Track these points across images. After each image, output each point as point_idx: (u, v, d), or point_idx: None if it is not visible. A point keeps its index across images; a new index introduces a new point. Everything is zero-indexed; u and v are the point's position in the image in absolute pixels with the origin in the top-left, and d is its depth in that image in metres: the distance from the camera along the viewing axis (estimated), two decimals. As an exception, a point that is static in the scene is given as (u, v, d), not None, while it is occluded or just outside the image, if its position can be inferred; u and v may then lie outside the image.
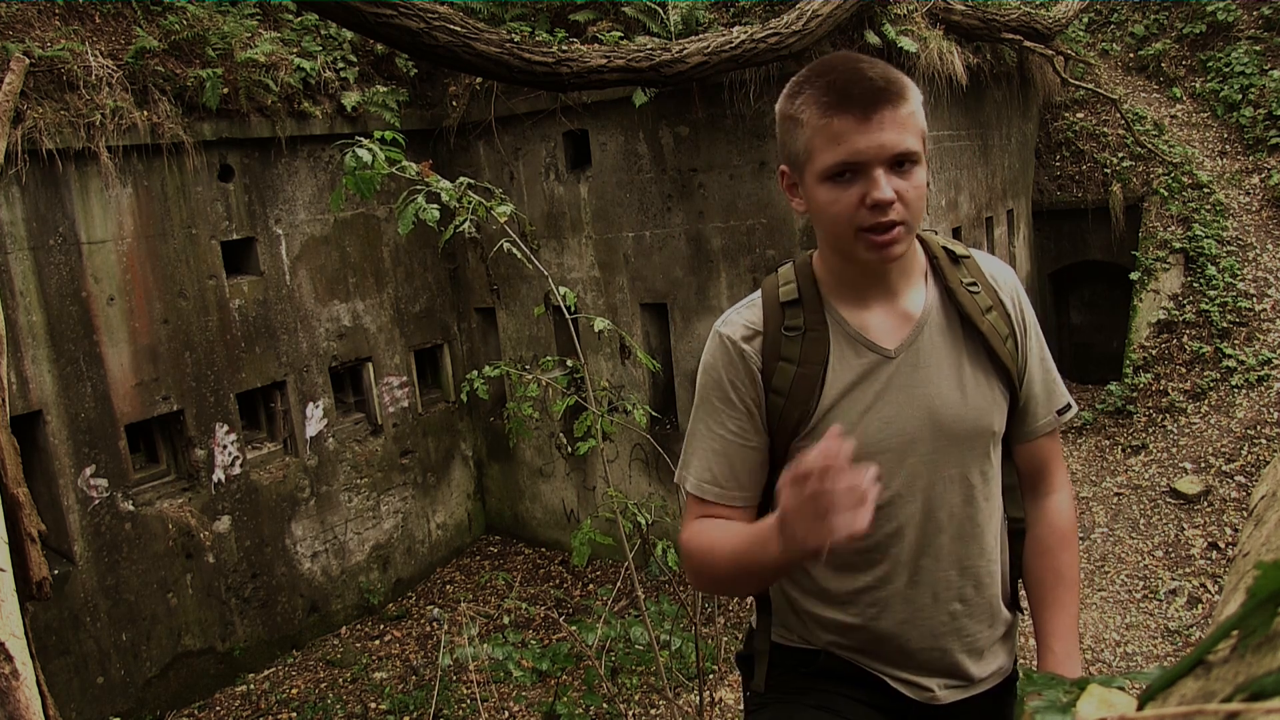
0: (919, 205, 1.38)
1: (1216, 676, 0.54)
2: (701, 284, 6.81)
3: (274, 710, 6.10)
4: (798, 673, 1.63)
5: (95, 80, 5.55)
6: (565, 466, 7.85)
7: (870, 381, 1.49)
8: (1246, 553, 0.88)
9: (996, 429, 1.52)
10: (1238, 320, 7.89)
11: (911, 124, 1.35)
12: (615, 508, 3.21)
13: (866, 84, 1.34)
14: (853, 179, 1.36)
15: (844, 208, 1.36)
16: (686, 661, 4.69)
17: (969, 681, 1.56)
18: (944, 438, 1.48)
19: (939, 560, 1.51)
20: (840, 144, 1.34)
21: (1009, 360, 1.52)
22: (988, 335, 1.50)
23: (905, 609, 1.51)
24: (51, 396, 5.51)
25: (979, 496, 1.52)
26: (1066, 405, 1.61)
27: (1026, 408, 1.58)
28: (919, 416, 1.48)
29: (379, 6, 4.41)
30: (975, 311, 1.51)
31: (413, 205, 2.75)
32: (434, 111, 7.62)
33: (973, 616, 1.54)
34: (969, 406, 1.49)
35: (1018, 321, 1.56)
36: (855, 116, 1.33)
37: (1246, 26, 9.69)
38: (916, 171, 1.37)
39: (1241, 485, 6.74)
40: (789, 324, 1.51)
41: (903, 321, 1.50)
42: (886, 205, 1.34)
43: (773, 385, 1.50)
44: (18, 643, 2.00)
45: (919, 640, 1.52)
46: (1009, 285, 1.58)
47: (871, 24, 6.16)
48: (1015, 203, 9.03)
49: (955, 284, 1.52)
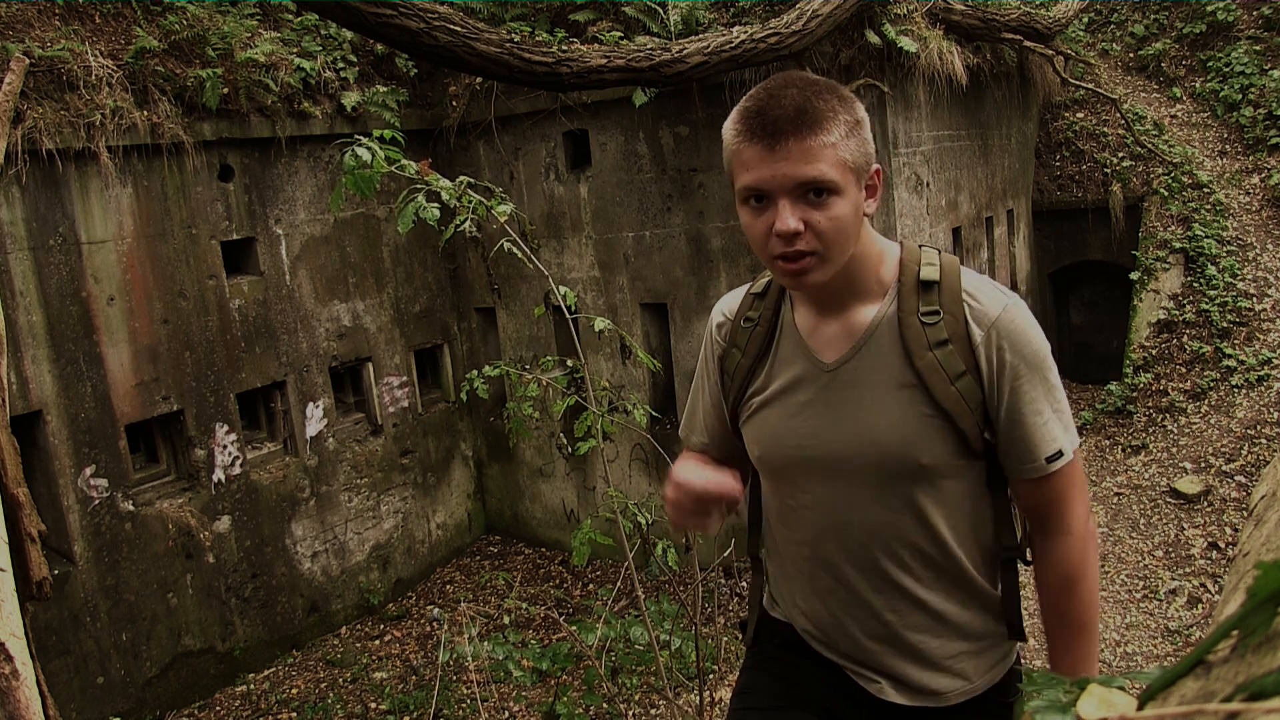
0: (834, 235, 1.37)
1: (1216, 676, 0.54)
2: (701, 284, 6.81)
3: (274, 710, 6.10)
4: (772, 643, 1.74)
5: (95, 80, 5.55)
6: (565, 466, 7.84)
7: (803, 389, 1.54)
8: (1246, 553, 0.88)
9: (925, 462, 1.46)
10: (1238, 320, 7.89)
11: (826, 154, 1.33)
12: (615, 508, 3.21)
13: (778, 112, 1.34)
14: (765, 205, 1.38)
15: (757, 233, 1.40)
16: (686, 661, 4.69)
17: (920, 690, 1.57)
18: (866, 460, 1.48)
19: (863, 572, 1.54)
20: (749, 170, 1.37)
21: (953, 401, 1.44)
22: (924, 371, 1.45)
23: (839, 606, 1.58)
24: (51, 396, 5.51)
25: (905, 523, 1.49)
26: (1057, 453, 1.47)
27: (1007, 449, 1.49)
28: (842, 434, 1.50)
29: (379, 6, 4.41)
30: (918, 344, 1.45)
31: (412, 204, 2.75)
32: (434, 111, 7.62)
33: (913, 629, 1.54)
34: (894, 435, 1.46)
35: (987, 359, 1.44)
36: (761, 145, 1.35)
37: (1246, 26, 9.69)
38: (833, 202, 1.35)
39: (1241, 485, 6.74)
40: (749, 315, 1.64)
41: (847, 337, 1.51)
42: (788, 235, 1.35)
43: (725, 368, 1.67)
44: (18, 643, 1.99)
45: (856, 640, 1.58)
46: (989, 321, 1.45)
47: (871, 24, 6.16)
48: (1015, 203, 9.03)
49: (908, 311, 1.48)
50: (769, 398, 1.57)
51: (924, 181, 6.95)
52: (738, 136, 1.39)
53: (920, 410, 1.46)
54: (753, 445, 1.62)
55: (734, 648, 5.73)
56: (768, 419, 1.57)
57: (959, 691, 1.57)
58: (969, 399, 1.45)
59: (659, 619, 4.47)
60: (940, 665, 1.56)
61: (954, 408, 1.44)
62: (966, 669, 1.58)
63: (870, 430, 1.48)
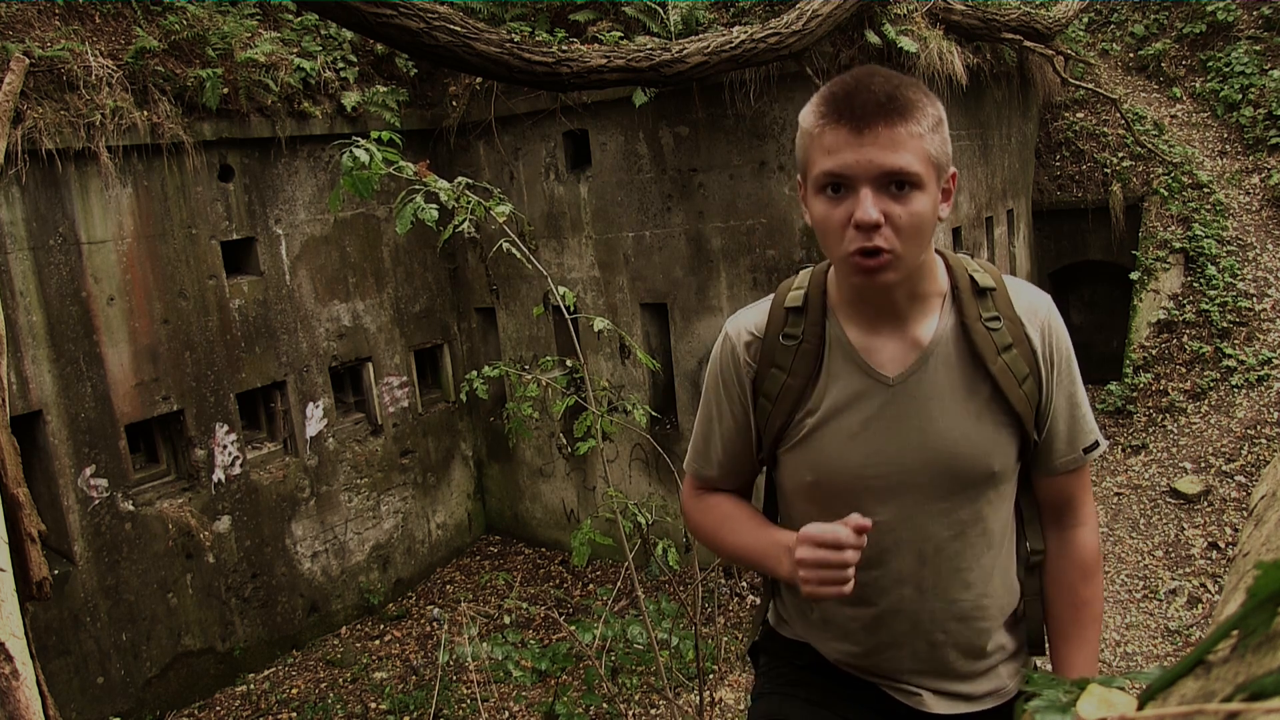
0: (913, 234, 1.30)
1: (1216, 676, 0.54)
2: (701, 284, 6.81)
3: (274, 710, 6.10)
4: (792, 664, 1.65)
5: (95, 80, 5.55)
6: (565, 466, 7.84)
7: (862, 406, 1.46)
8: (1246, 553, 0.88)
9: (997, 469, 1.46)
10: (1238, 320, 7.89)
11: (913, 144, 1.28)
12: (615, 508, 3.21)
13: (867, 96, 1.28)
14: (843, 195, 1.31)
15: (833, 225, 1.32)
16: (686, 661, 4.69)
17: (960, 697, 1.56)
18: (937, 474, 1.44)
19: (922, 591, 1.49)
20: (831, 155, 1.30)
21: (1022, 403, 1.45)
22: (998, 377, 1.43)
23: (886, 633, 1.52)
24: (51, 396, 5.51)
25: (971, 533, 1.48)
26: (1094, 444, 1.52)
27: (1049, 445, 1.51)
28: (912, 450, 1.44)
29: (379, 6, 4.41)
30: (989, 350, 1.43)
31: (411, 205, 2.75)
32: (434, 111, 7.62)
33: (956, 647, 1.52)
34: (969, 446, 1.44)
35: (1045, 359, 1.47)
36: (848, 129, 1.28)
37: (1246, 26, 9.69)
38: (915, 197, 1.29)
39: (1241, 485, 6.74)
40: (788, 331, 1.51)
41: (910, 349, 1.45)
42: (869, 227, 1.28)
43: (763, 390, 1.53)
44: (18, 643, 2.00)
45: (900, 662, 1.54)
46: (1040, 319, 1.48)
47: (871, 24, 6.16)
48: (1015, 202, 9.03)
49: (972, 318, 1.44)
50: (822, 418, 1.47)
51: (924, 181, 6.94)
52: (822, 119, 1.31)
53: (995, 418, 1.45)
54: (804, 471, 1.51)
55: (734, 648, 5.73)
56: (823, 441, 1.47)
57: (998, 694, 1.58)
58: (1032, 400, 1.47)
59: (659, 619, 4.46)
60: (982, 673, 1.56)
61: (1023, 411, 1.45)
62: (1002, 673, 1.58)
63: (943, 442, 1.43)
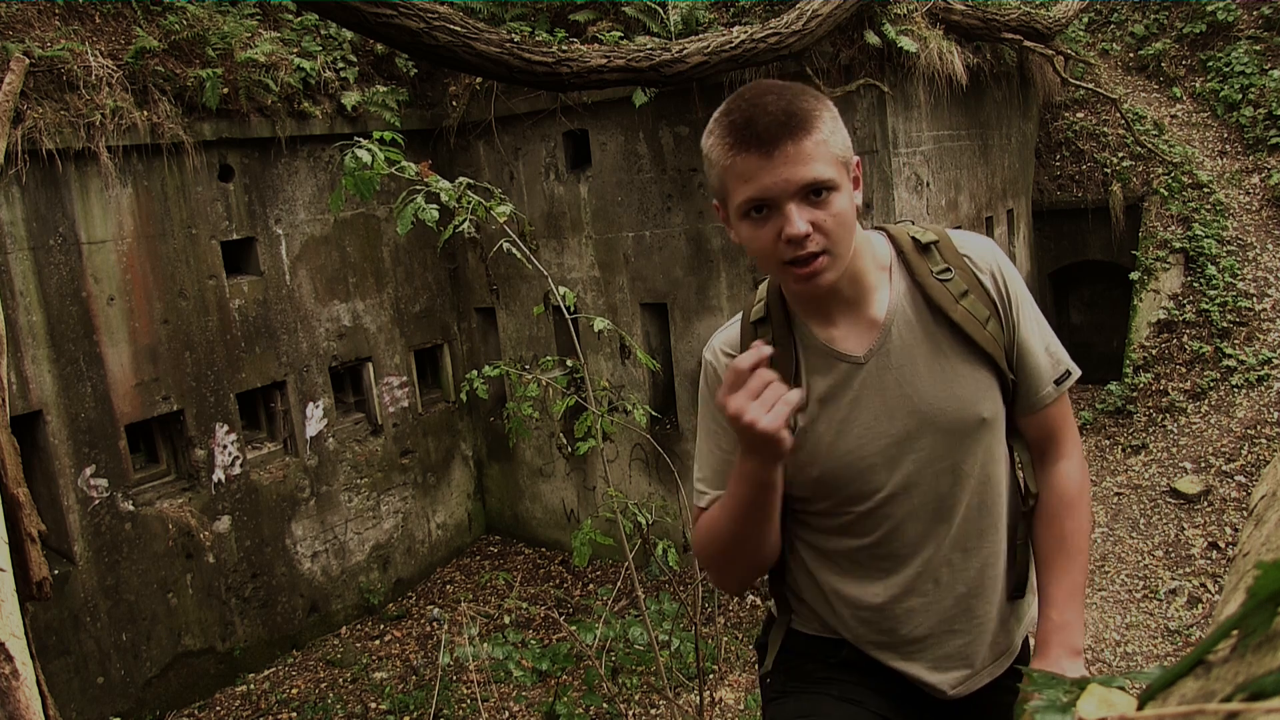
0: (840, 231, 1.37)
1: (1216, 676, 0.54)
2: (701, 284, 6.81)
3: (274, 710, 6.10)
4: (824, 663, 1.67)
5: (95, 80, 5.55)
6: (565, 466, 7.84)
7: (844, 390, 1.51)
8: (1246, 553, 0.88)
9: (987, 415, 1.50)
10: (1238, 320, 7.88)
11: (820, 152, 1.34)
12: (615, 508, 3.21)
13: (767, 119, 1.33)
14: (768, 215, 1.36)
15: (764, 244, 1.38)
16: (686, 661, 4.69)
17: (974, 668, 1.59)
18: (932, 433, 1.49)
19: (940, 548, 1.53)
20: (748, 182, 1.35)
21: (990, 344, 1.49)
22: (962, 323, 1.48)
23: (914, 598, 1.55)
24: (51, 396, 5.51)
25: (974, 482, 1.52)
26: (1065, 374, 1.57)
27: (1026, 382, 1.55)
28: (901, 416, 1.49)
29: (379, 6, 4.41)
30: (946, 301, 1.49)
31: (411, 205, 2.75)
32: (434, 111, 7.62)
33: (980, 597, 1.56)
34: (953, 398, 1.49)
35: (1001, 298, 1.52)
36: (758, 154, 1.33)
37: (1246, 26, 9.69)
38: (833, 198, 1.36)
39: (1241, 485, 6.74)
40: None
41: (870, 327, 1.51)
42: (800, 239, 1.34)
43: None
44: (18, 643, 2.00)
45: (929, 626, 1.56)
46: (987, 261, 1.54)
47: (871, 24, 6.16)
48: (1015, 202, 9.03)
49: (923, 274, 1.51)
50: (811, 413, 1.53)
51: (924, 181, 6.94)
52: (730, 150, 1.37)
53: (969, 365, 1.50)
54: (807, 467, 1.53)
55: (734, 648, 5.73)
56: (818, 434, 1.52)
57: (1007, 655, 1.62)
58: (999, 340, 1.52)
59: (659, 619, 4.47)
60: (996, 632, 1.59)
61: (994, 350, 1.50)
62: (1014, 626, 1.62)
63: (929, 400, 1.49)
